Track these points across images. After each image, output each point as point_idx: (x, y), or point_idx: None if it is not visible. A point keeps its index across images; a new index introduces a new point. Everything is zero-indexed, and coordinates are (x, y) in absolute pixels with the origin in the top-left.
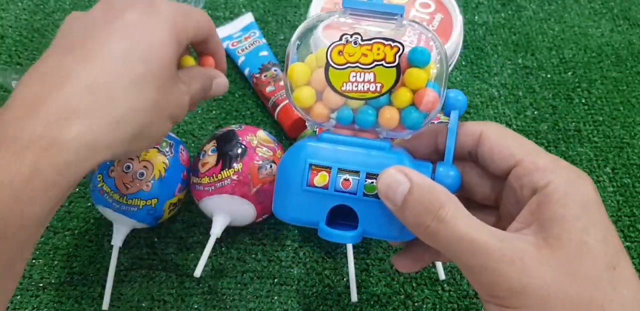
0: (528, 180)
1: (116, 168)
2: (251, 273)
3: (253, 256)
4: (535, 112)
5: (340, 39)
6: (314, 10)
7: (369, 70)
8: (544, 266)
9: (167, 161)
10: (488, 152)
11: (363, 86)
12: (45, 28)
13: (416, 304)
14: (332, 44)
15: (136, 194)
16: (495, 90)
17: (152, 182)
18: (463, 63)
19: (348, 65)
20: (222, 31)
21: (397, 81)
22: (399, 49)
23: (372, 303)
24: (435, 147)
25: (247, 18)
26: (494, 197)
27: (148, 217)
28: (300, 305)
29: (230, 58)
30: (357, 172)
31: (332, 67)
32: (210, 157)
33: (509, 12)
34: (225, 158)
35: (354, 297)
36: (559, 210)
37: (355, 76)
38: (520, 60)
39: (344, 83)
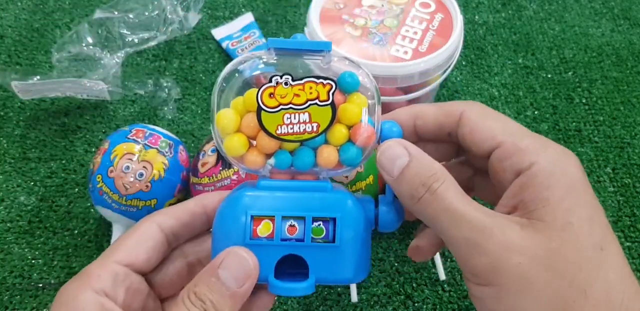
0: (510, 162)
1: (115, 169)
2: None
3: None
4: (536, 112)
5: (270, 81)
6: (314, 10)
7: (303, 111)
8: (525, 243)
9: (166, 161)
10: (469, 134)
11: (299, 127)
12: (44, 28)
13: (416, 304)
14: (261, 87)
15: (135, 195)
16: (495, 90)
17: (151, 182)
18: (463, 63)
19: (281, 107)
20: (222, 31)
21: (333, 119)
22: (332, 86)
23: (372, 303)
24: (413, 129)
25: (247, 18)
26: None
27: None
28: (300, 305)
29: (230, 58)
30: (302, 218)
31: (265, 110)
32: (210, 157)
33: (510, 11)
34: (224, 158)
35: (354, 297)
36: (543, 192)
37: (290, 118)
38: (520, 60)
39: (279, 126)
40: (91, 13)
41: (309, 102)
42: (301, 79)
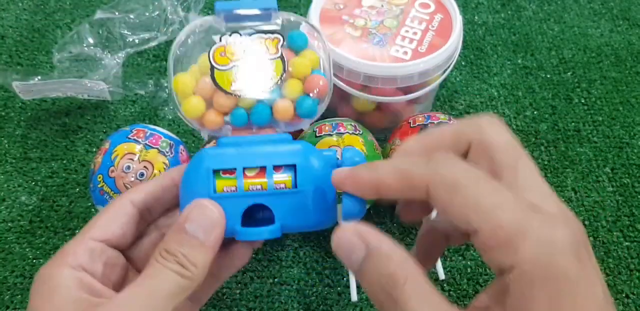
0: (489, 258)
1: (116, 169)
2: (251, 273)
3: (253, 255)
4: (535, 112)
5: (220, 40)
6: (314, 10)
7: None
8: None
9: (167, 161)
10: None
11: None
12: (45, 28)
13: None
14: (212, 47)
15: None
16: (494, 90)
17: None
18: (463, 63)
19: (232, 64)
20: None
21: (284, 71)
22: (279, 40)
23: (372, 302)
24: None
25: None
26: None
27: None
28: (300, 305)
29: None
30: (263, 168)
31: (217, 69)
32: None
33: (509, 12)
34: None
35: (354, 297)
36: (525, 305)
37: None
38: (519, 61)
39: (232, 83)
40: (92, 13)
41: None
42: (250, 35)
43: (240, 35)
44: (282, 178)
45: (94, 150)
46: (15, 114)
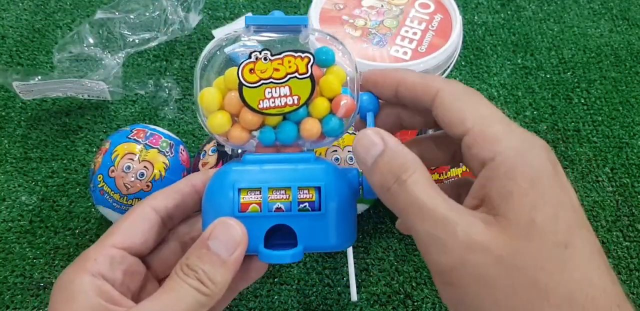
0: (476, 151)
1: (116, 169)
2: None
3: None
4: (535, 112)
5: (250, 57)
6: (314, 10)
7: (284, 84)
8: (488, 243)
9: (167, 161)
10: (440, 116)
11: (280, 101)
12: (45, 28)
13: (416, 304)
14: (241, 63)
15: (136, 194)
16: (494, 90)
17: (152, 182)
18: (462, 63)
19: (262, 82)
20: (223, 31)
21: (312, 91)
22: (310, 59)
23: (372, 302)
24: (395, 94)
25: None
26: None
27: None
28: (300, 305)
29: (230, 58)
30: (288, 188)
31: (246, 86)
32: (210, 157)
33: (509, 12)
34: (225, 158)
35: (354, 297)
36: (506, 185)
37: (271, 92)
38: (519, 61)
39: (261, 101)
40: (92, 13)
41: (289, 76)
42: (280, 54)
43: (271, 53)
44: (307, 200)
45: (94, 150)
46: (16, 114)
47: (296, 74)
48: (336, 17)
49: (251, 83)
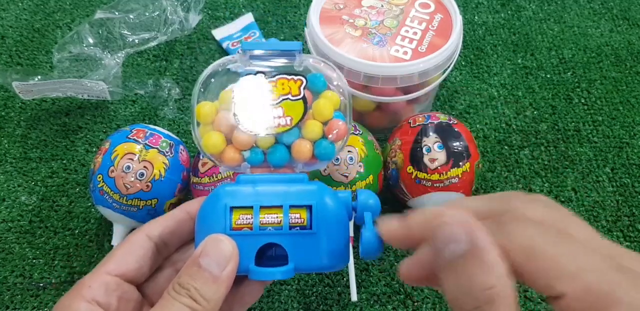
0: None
1: (116, 169)
2: None
3: None
4: (535, 112)
5: (245, 80)
6: (314, 10)
7: (277, 106)
8: None
9: (167, 161)
10: (520, 277)
11: (274, 121)
12: (45, 28)
13: (416, 304)
14: (235, 85)
15: (136, 194)
16: (494, 90)
17: (152, 182)
18: (463, 63)
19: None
20: (222, 31)
21: (305, 112)
22: (302, 81)
23: (372, 302)
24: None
25: (247, 18)
26: None
27: (148, 217)
28: (300, 305)
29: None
30: (279, 207)
31: (240, 108)
32: None
33: (509, 12)
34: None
35: (354, 297)
36: None
37: None
38: (519, 60)
39: (254, 122)
40: (92, 13)
41: (282, 97)
42: (273, 76)
43: (265, 75)
44: (298, 218)
45: (94, 150)
46: (15, 114)
47: (289, 96)
48: (336, 17)
49: (245, 104)
